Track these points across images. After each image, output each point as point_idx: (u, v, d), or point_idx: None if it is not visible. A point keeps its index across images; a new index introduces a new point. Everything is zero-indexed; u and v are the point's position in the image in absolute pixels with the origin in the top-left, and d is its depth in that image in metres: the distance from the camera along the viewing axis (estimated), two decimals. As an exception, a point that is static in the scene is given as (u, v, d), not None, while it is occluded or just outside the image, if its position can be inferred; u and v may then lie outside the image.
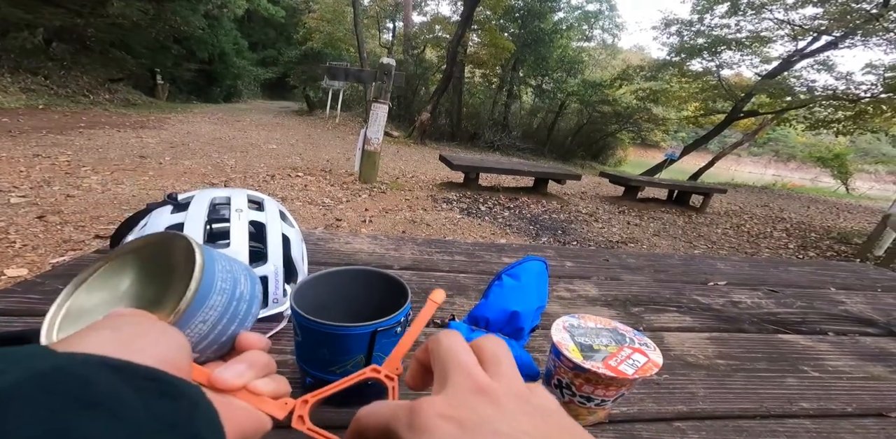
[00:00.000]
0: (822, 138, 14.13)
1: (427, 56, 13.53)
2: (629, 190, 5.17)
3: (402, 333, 0.40)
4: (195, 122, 7.20)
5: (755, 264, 1.04)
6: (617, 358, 0.39)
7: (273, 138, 6.58)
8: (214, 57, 12.52)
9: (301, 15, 16.73)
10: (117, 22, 8.16)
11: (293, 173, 4.13)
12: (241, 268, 0.29)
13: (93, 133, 4.79)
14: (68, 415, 0.12)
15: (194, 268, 0.24)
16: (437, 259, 0.83)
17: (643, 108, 12.50)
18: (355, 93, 13.15)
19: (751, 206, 6.32)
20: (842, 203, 8.94)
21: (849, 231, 5.02)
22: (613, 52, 17.68)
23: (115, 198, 2.70)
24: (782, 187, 11.47)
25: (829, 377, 0.57)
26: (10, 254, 1.82)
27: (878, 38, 7.54)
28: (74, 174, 3.06)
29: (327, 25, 14.20)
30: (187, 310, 0.23)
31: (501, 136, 12.05)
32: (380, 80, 3.88)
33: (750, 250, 3.69)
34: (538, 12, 12.32)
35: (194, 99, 12.25)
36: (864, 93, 7.73)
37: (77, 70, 8.07)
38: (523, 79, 13.63)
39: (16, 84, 6.60)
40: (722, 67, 10.18)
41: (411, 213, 3.40)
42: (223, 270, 0.26)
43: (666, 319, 0.68)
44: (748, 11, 9.23)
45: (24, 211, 2.27)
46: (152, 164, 3.71)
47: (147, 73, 10.22)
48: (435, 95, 9.57)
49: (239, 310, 0.27)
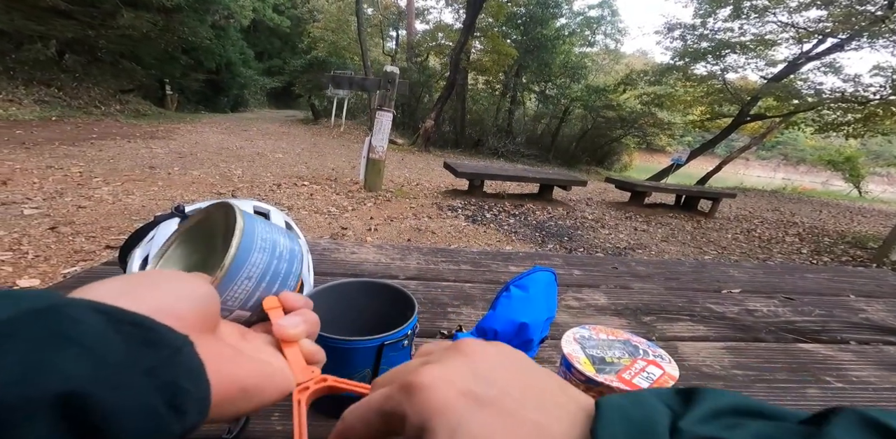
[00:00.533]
0: (831, 141, 13.99)
1: (430, 63, 13.66)
2: (636, 195, 5.13)
3: (409, 346, 0.39)
4: (203, 132, 7.30)
5: (769, 270, 1.02)
6: (631, 371, 0.37)
7: (279, 147, 6.64)
8: (221, 67, 12.74)
9: (306, 24, 16.99)
10: (127, 33, 8.34)
11: (299, 182, 4.16)
12: (280, 230, 0.31)
13: (104, 144, 4.87)
14: (47, 348, 0.13)
15: (235, 229, 0.26)
16: (442, 268, 0.82)
17: (648, 112, 12.47)
18: (360, 101, 13.28)
19: (761, 211, 6.25)
20: (855, 206, 8.80)
21: (864, 235, 4.93)
22: (616, 57, 17.74)
23: (126, 208, 2.73)
24: (793, 191, 11.33)
25: (853, 388, 0.55)
26: (23, 264, 1.84)
27: (885, 39, 7.49)
28: (86, 185, 3.11)
29: (331, 34, 14.42)
30: (231, 266, 0.25)
31: (505, 143, 12.07)
32: (384, 89, 3.91)
33: (762, 256, 3.63)
34: (540, 19, 12.41)
35: (202, 108, 12.45)
36: (873, 95, 7.66)
37: (89, 81, 8.25)
38: (526, 85, 13.68)
39: (30, 96, 6.75)
40: (727, 71, 10.16)
41: (416, 221, 3.40)
42: (263, 231, 0.28)
43: (679, 328, 0.67)
44: (751, 15, 9.22)
45: (36, 222, 2.30)
46: (161, 175, 3.76)
47: (156, 83, 10.42)
48: (438, 103, 9.63)
49: (280, 268, 0.28)
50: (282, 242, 0.29)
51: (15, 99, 6.43)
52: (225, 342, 0.22)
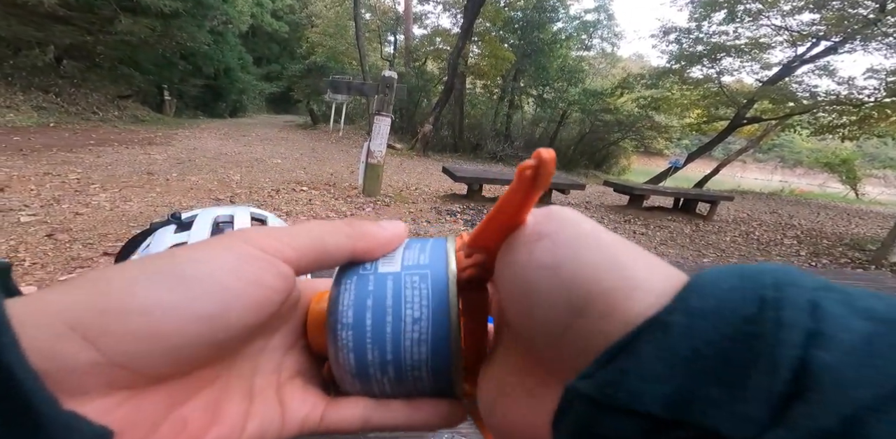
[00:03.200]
0: (827, 143, 14.07)
1: (428, 68, 13.72)
2: (634, 198, 5.14)
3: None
4: (201, 138, 7.30)
5: (769, 276, 1.02)
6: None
7: (278, 152, 6.64)
8: (220, 72, 12.78)
9: (304, 29, 17.07)
10: (125, 39, 8.35)
11: (298, 187, 4.16)
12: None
13: (102, 150, 4.86)
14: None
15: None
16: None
17: (645, 115, 12.54)
18: (358, 106, 13.31)
19: (759, 213, 6.26)
20: (852, 208, 8.84)
21: (862, 237, 4.94)
22: (613, 61, 17.86)
23: (123, 215, 2.72)
24: (790, 193, 11.38)
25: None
26: (20, 272, 1.83)
27: (878, 42, 7.56)
28: (84, 192, 3.10)
29: (329, 39, 14.48)
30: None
31: (504, 147, 12.10)
32: (382, 93, 3.92)
33: (760, 258, 3.64)
34: (537, 23, 12.50)
35: (201, 114, 12.46)
36: (868, 97, 7.71)
37: (87, 87, 8.25)
38: (524, 89, 13.75)
39: (28, 102, 6.74)
40: (722, 74, 10.22)
41: (415, 226, 3.39)
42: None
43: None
44: (745, 18, 9.30)
45: (33, 229, 2.29)
46: (159, 181, 3.75)
47: (154, 89, 10.44)
48: (437, 107, 9.66)
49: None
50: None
51: (13, 105, 6.42)
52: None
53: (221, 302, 0.14)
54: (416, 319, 0.16)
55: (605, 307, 0.12)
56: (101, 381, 0.12)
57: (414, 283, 0.17)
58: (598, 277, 0.12)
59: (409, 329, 0.16)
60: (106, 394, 0.12)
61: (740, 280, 0.11)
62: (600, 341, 0.11)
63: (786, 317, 0.10)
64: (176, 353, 0.13)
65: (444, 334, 0.16)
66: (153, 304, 0.13)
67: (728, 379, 0.09)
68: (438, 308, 0.16)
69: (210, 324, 0.13)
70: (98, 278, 0.13)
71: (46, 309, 0.12)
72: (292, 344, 0.19)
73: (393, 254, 0.18)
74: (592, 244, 0.13)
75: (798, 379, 0.09)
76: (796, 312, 0.10)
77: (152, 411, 0.13)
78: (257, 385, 0.17)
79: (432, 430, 0.21)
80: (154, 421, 0.13)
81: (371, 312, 0.16)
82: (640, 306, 0.11)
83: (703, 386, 0.09)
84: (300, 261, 0.16)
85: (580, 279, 0.12)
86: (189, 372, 0.15)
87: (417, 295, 0.17)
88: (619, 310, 0.12)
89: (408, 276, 0.17)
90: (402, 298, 0.17)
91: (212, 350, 0.14)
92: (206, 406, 0.15)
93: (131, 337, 0.12)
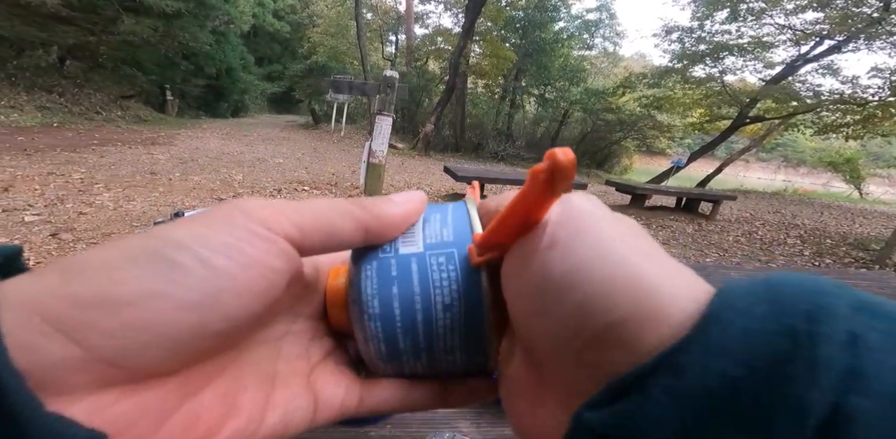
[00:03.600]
0: (831, 143, 14.02)
1: (430, 68, 13.72)
2: (636, 198, 5.13)
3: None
4: (204, 138, 7.32)
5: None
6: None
7: (280, 152, 6.66)
8: (222, 72, 12.80)
9: (305, 29, 17.08)
10: (128, 39, 8.39)
11: (300, 187, 4.17)
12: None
13: (105, 150, 4.88)
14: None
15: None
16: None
17: (647, 115, 12.50)
18: (360, 105, 13.32)
19: (762, 213, 6.24)
20: (856, 208, 8.79)
21: (866, 237, 4.92)
22: (615, 60, 17.81)
23: (127, 214, 2.73)
24: (793, 193, 11.33)
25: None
26: (23, 271, 1.83)
27: (882, 41, 7.51)
28: (87, 191, 3.11)
29: (331, 39, 14.48)
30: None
31: (505, 146, 12.09)
32: (383, 93, 3.92)
33: (764, 258, 3.63)
34: (539, 22, 12.48)
35: (203, 114, 12.50)
36: (872, 96, 7.67)
37: (90, 87, 8.28)
38: (526, 88, 13.73)
39: (31, 102, 6.77)
40: (725, 73, 10.19)
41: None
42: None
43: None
44: (748, 17, 9.26)
45: (37, 229, 2.30)
46: (162, 180, 3.76)
47: (157, 89, 10.48)
48: (438, 107, 9.66)
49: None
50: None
51: (17, 105, 6.45)
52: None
53: (212, 287, 0.12)
54: (447, 306, 0.16)
55: (617, 340, 0.11)
56: (87, 379, 0.10)
57: (441, 265, 0.16)
58: (610, 306, 0.11)
59: (440, 316, 0.16)
60: (96, 392, 0.11)
61: (769, 306, 0.10)
62: (608, 371, 0.11)
63: (821, 356, 0.08)
64: (168, 346, 0.11)
65: (477, 320, 0.16)
66: (134, 292, 0.11)
67: (748, 427, 0.08)
68: (470, 293, 0.16)
69: (199, 314, 0.12)
70: (72, 262, 0.11)
71: (18, 297, 0.10)
72: (318, 326, 0.18)
73: (413, 230, 0.17)
74: (609, 258, 0.12)
75: (828, 427, 0.08)
76: (833, 348, 0.09)
77: (156, 407, 0.12)
78: (280, 372, 0.16)
79: (465, 407, 0.22)
80: (158, 417, 0.12)
81: (399, 301, 0.16)
82: (655, 340, 0.10)
83: (718, 433, 0.09)
84: (304, 241, 0.14)
85: (591, 305, 0.11)
86: (193, 364, 0.13)
87: (446, 277, 0.16)
88: (631, 343, 0.11)
89: (433, 257, 0.16)
90: (430, 283, 0.16)
91: (212, 340, 0.12)
92: (219, 397, 0.14)
93: (115, 329, 0.10)
